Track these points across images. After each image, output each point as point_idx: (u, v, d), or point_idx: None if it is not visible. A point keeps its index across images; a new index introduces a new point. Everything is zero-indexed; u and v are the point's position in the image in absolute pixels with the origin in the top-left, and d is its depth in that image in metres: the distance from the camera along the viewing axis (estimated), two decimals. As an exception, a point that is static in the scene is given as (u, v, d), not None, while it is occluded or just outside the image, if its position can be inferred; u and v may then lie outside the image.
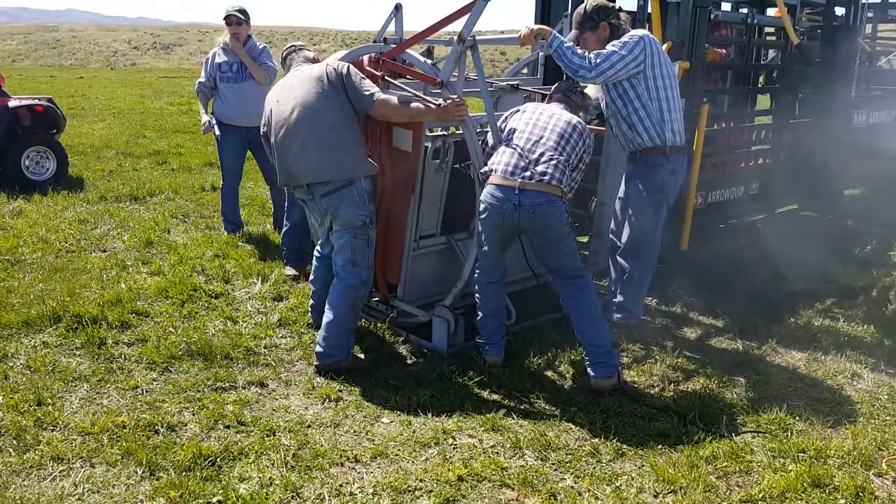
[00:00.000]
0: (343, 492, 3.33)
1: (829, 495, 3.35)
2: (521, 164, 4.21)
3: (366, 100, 4.34)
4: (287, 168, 4.42)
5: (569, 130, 4.34)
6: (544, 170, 4.19)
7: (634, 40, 4.60)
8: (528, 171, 4.19)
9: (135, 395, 4.11)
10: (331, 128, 4.32)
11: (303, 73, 4.51)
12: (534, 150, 4.25)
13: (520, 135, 4.34)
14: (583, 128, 4.44)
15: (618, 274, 5.07)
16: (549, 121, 4.37)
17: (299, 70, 4.60)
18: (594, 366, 4.25)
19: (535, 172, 4.18)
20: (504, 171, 4.22)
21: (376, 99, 4.33)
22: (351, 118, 4.37)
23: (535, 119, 4.40)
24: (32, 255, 6.31)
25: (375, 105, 4.33)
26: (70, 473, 3.40)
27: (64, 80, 27.78)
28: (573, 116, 4.47)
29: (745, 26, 6.64)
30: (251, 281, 5.83)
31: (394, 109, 4.35)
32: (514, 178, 4.18)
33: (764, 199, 7.00)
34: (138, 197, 8.60)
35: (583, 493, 3.37)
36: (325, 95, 4.34)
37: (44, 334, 4.77)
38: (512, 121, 4.49)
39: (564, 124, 4.36)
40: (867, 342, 5.04)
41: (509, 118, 4.55)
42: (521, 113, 4.51)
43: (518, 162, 4.22)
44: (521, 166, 4.20)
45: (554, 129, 4.33)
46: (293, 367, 4.52)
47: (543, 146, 4.26)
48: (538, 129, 4.33)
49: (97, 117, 15.98)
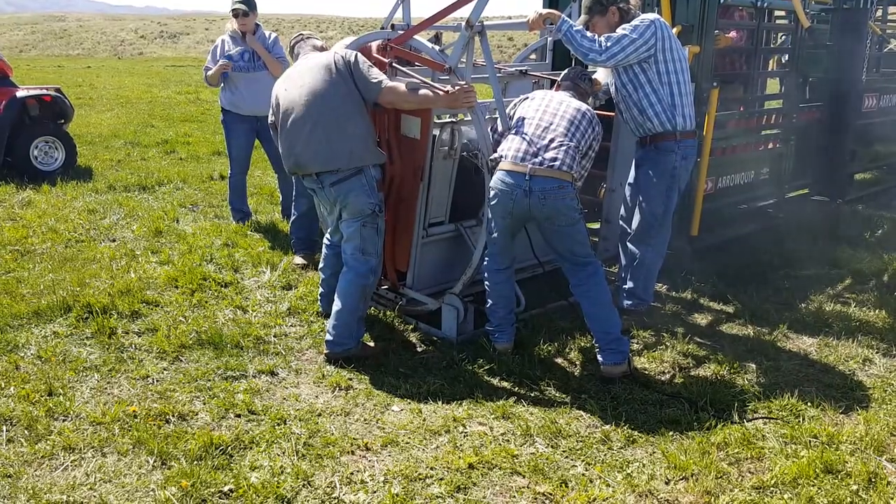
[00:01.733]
0: (354, 480, 3.33)
1: (841, 481, 3.34)
2: (532, 151, 4.19)
3: (373, 87, 4.31)
4: (295, 157, 4.40)
5: (578, 117, 4.32)
6: (554, 155, 4.17)
7: (645, 24, 4.57)
8: (538, 157, 4.17)
9: (145, 384, 4.12)
10: (339, 116, 4.30)
11: (310, 61, 4.49)
12: (544, 137, 4.23)
13: (529, 122, 4.32)
14: (592, 115, 4.42)
15: (628, 260, 5.05)
16: (559, 108, 4.35)
17: (307, 59, 4.58)
18: (604, 353, 4.24)
19: (545, 158, 4.16)
20: (514, 157, 4.21)
21: (384, 87, 4.31)
22: (359, 106, 4.35)
23: (545, 106, 4.38)
24: (42, 245, 6.33)
25: (383, 92, 4.31)
26: (81, 463, 3.41)
27: (72, 69, 27.77)
28: (582, 104, 4.45)
29: (756, 10, 6.58)
30: (260, 270, 5.84)
31: (402, 97, 4.33)
32: (524, 163, 4.16)
33: (774, 184, 6.95)
34: (147, 186, 8.61)
35: (594, 480, 3.36)
36: (332, 83, 4.32)
37: (54, 324, 4.78)
38: (521, 108, 4.48)
39: (574, 111, 4.34)
40: (879, 327, 5.01)
41: (518, 105, 4.54)
42: (529, 100, 4.49)
43: (528, 148, 4.21)
44: (532, 152, 4.19)
45: (564, 115, 4.31)
46: (303, 356, 4.52)
47: (553, 132, 4.24)
48: (548, 116, 4.31)
49: (105, 107, 15.99)
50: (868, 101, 7.77)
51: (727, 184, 6.35)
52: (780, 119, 6.99)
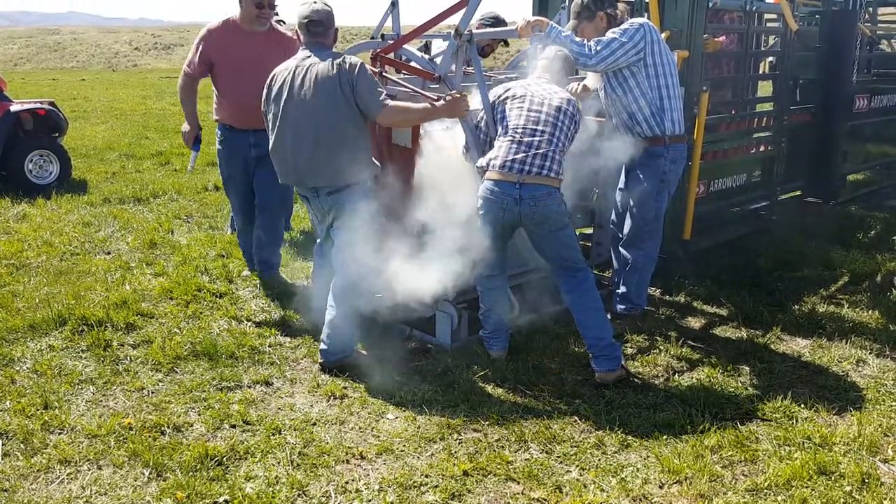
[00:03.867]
0: (349, 489, 3.34)
1: (834, 482, 3.36)
2: (519, 158, 4.19)
3: (374, 108, 4.22)
4: (298, 174, 4.37)
5: (560, 118, 4.27)
6: (542, 162, 4.16)
7: (634, 27, 4.60)
8: (526, 165, 4.17)
9: (141, 396, 4.13)
10: (341, 135, 4.25)
11: (313, 69, 4.28)
12: (531, 144, 4.20)
13: (514, 128, 4.27)
14: (573, 109, 4.36)
15: (620, 264, 5.08)
16: (541, 109, 4.28)
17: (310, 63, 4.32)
18: (597, 359, 4.25)
19: (533, 165, 4.16)
20: (503, 165, 4.20)
21: (384, 108, 4.22)
22: (360, 122, 4.30)
23: (528, 108, 4.29)
24: (37, 258, 6.34)
25: (382, 114, 4.23)
26: (77, 476, 3.42)
27: (66, 82, 27.80)
28: (562, 97, 4.37)
29: (745, 13, 6.61)
30: (255, 280, 5.84)
31: (401, 115, 4.30)
32: (512, 172, 4.16)
33: (767, 186, 6.98)
34: (141, 198, 8.63)
35: (588, 485, 3.37)
36: (335, 101, 4.21)
37: (49, 337, 4.79)
38: (506, 112, 4.41)
39: (555, 111, 4.28)
40: (872, 328, 5.03)
41: (499, 104, 4.43)
42: (511, 100, 4.38)
43: (515, 156, 4.20)
44: (520, 160, 4.18)
45: (548, 118, 4.25)
46: (298, 365, 4.53)
47: (540, 137, 4.21)
48: (531, 122, 4.24)
49: (99, 119, 16.01)
50: (859, 102, 7.81)
51: (719, 187, 6.37)
52: (770, 122, 7.01)
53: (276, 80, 4.42)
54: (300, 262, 6.33)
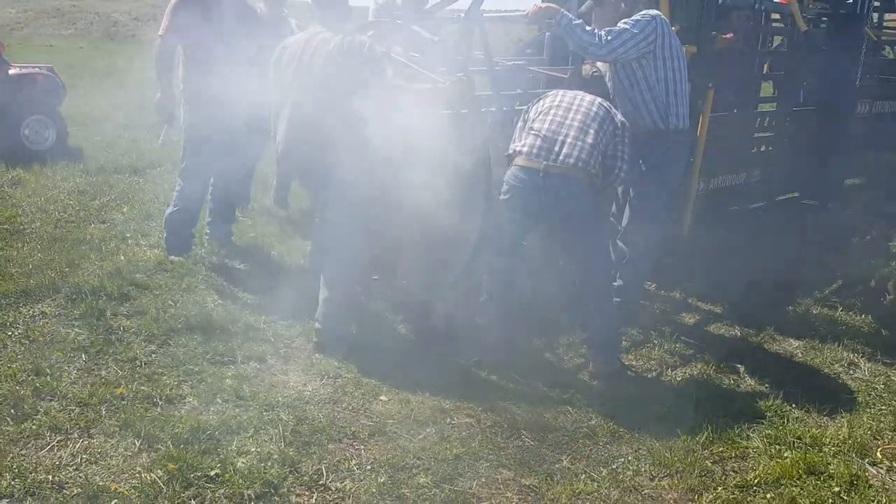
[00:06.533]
0: (341, 468, 3.34)
1: (823, 482, 3.38)
2: (546, 147, 4.14)
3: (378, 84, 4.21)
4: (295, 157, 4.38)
5: (594, 109, 4.23)
6: (569, 151, 4.11)
7: (647, 19, 4.56)
8: (552, 154, 4.13)
9: (133, 366, 4.10)
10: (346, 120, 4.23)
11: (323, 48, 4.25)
12: (558, 132, 4.17)
13: (543, 117, 4.25)
14: (609, 107, 4.33)
15: (618, 258, 5.07)
16: (573, 101, 4.28)
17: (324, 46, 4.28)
18: (596, 351, 4.25)
19: (559, 154, 4.12)
20: (529, 153, 4.16)
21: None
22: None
23: (559, 101, 4.29)
24: (31, 224, 6.29)
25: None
26: (68, 443, 3.40)
27: (64, 49, 27.55)
28: (597, 97, 4.36)
29: (753, 12, 6.59)
30: (251, 255, 5.82)
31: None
32: (538, 160, 4.13)
33: (765, 187, 6.97)
34: (138, 169, 8.55)
35: (579, 474, 3.38)
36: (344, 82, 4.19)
37: (42, 304, 4.76)
38: (535, 105, 4.39)
39: (588, 104, 4.26)
40: (865, 332, 5.05)
41: (532, 104, 4.43)
42: (543, 97, 4.41)
43: (542, 144, 4.15)
44: (546, 148, 4.14)
45: (578, 109, 4.23)
46: (292, 343, 4.51)
47: (568, 127, 4.18)
48: (561, 111, 4.23)
49: (97, 88, 15.87)
50: (861, 106, 7.80)
51: (719, 185, 6.36)
52: (773, 122, 7.01)
53: (286, 51, 4.42)
54: (297, 240, 6.30)
